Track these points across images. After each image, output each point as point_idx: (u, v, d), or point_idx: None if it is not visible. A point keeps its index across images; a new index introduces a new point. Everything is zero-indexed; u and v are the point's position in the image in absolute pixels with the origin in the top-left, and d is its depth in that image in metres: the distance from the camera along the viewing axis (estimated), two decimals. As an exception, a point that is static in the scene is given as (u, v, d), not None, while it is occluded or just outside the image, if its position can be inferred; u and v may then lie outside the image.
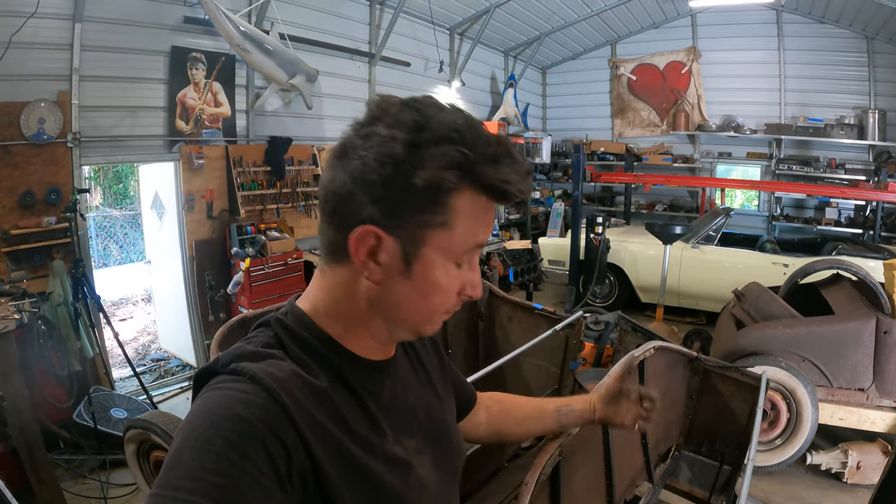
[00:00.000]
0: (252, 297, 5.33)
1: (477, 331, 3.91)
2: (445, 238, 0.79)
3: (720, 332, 5.03)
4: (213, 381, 0.74)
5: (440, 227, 0.77)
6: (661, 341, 2.65)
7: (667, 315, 6.96)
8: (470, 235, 0.81)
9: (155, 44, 4.78)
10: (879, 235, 8.82)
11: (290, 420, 0.70)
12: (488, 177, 0.76)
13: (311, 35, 6.32)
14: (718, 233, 7.18)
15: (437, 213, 0.76)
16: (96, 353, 4.25)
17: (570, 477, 1.75)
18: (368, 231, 0.76)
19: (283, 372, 0.75)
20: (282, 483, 0.67)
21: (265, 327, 0.85)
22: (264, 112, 5.95)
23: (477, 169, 0.75)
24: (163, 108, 4.93)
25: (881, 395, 4.15)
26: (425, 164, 0.73)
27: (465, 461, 1.10)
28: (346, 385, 0.83)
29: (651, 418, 1.36)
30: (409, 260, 0.79)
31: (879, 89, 9.60)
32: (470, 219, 0.79)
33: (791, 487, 4.01)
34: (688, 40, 10.97)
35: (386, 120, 0.75)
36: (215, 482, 0.62)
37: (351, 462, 0.77)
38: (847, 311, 4.32)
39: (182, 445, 0.65)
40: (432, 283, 0.81)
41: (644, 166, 11.15)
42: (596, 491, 2.07)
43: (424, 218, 0.76)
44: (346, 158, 0.76)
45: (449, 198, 0.76)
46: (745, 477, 1.98)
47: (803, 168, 9.86)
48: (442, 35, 8.74)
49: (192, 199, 5.21)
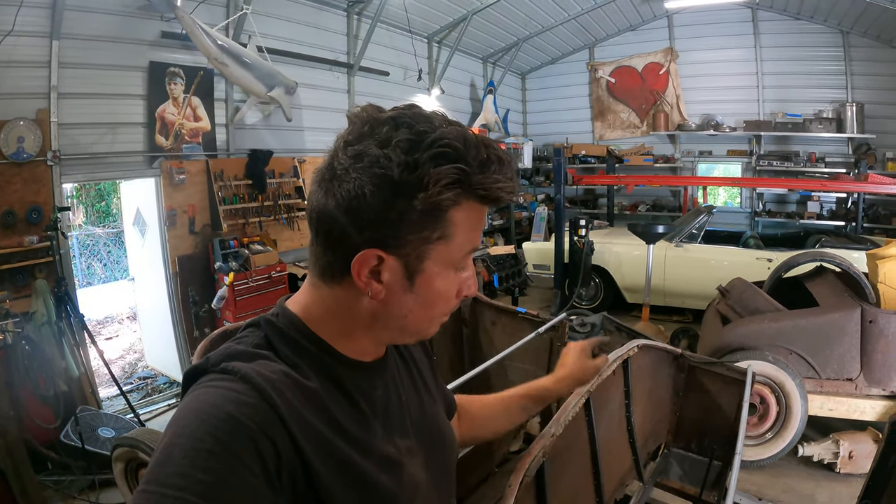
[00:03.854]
0: (237, 312, 5.30)
1: (461, 336, 3.92)
2: (444, 250, 0.79)
3: (706, 329, 5.06)
4: (204, 380, 0.74)
5: (440, 240, 0.78)
6: (644, 340, 2.67)
7: (653, 314, 7.01)
8: (467, 242, 0.82)
9: (133, 59, 4.77)
10: (862, 227, 8.97)
11: (280, 420, 0.70)
12: (482, 186, 0.77)
13: (288, 47, 6.33)
14: (701, 231, 7.24)
15: (437, 228, 0.77)
16: (82, 372, 4.21)
17: (557, 478, 1.76)
18: (370, 254, 0.76)
19: (273, 372, 0.75)
20: (271, 483, 0.67)
21: (255, 328, 0.85)
22: (244, 125, 5.94)
23: (474, 181, 0.76)
24: (142, 124, 4.90)
25: (869, 384, 4.19)
26: (425, 186, 0.73)
27: (458, 460, 1.11)
28: (337, 386, 0.83)
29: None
30: (412, 275, 0.79)
31: (856, 83, 9.75)
32: (467, 227, 0.80)
33: (784, 480, 4.04)
34: (665, 41, 11.09)
35: (377, 138, 0.75)
36: (204, 480, 0.62)
37: (342, 463, 0.77)
38: (832, 303, 4.37)
39: (172, 442, 0.65)
40: (435, 293, 0.82)
41: (625, 168, 11.22)
42: (584, 492, 2.08)
43: (424, 234, 0.77)
44: (338, 181, 0.76)
45: (448, 213, 0.77)
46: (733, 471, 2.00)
47: (784, 163, 9.97)
48: (420, 44, 8.78)
49: (174, 215, 5.18)
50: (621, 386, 2.46)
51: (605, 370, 2.17)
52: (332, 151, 0.79)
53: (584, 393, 1.96)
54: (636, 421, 2.54)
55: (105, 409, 4.59)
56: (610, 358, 2.30)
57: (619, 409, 2.45)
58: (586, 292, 7.95)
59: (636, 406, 2.53)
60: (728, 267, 6.63)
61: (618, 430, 2.46)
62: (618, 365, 2.33)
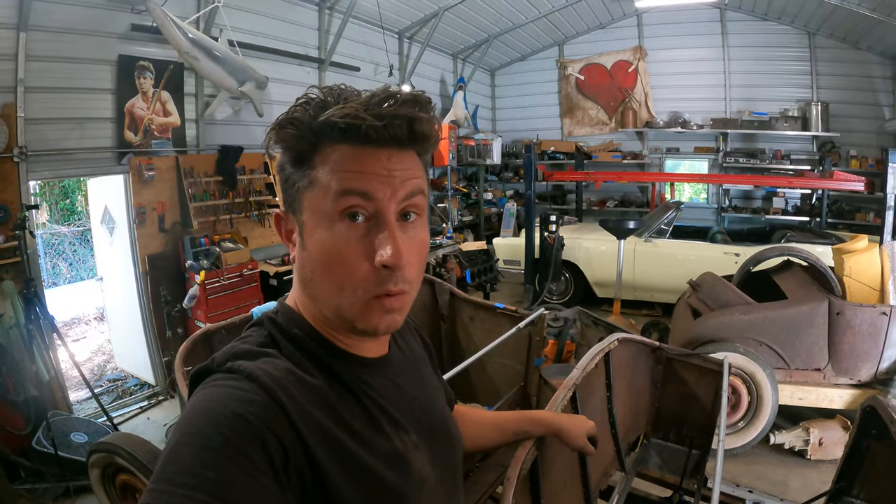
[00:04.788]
0: (209, 311, 5.21)
1: (440, 332, 3.93)
2: (314, 195, 0.79)
3: (677, 322, 5.17)
4: (210, 379, 0.75)
5: (308, 187, 0.79)
6: (624, 333, 2.71)
7: (623, 309, 7.11)
8: (335, 183, 0.77)
9: (102, 53, 4.63)
10: (826, 222, 9.26)
11: (286, 417, 0.70)
12: (327, 121, 0.76)
13: (260, 41, 6.24)
14: (670, 226, 7.38)
15: (304, 175, 0.79)
16: (52, 376, 4.08)
17: (548, 470, 1.78)
18: (277, 213, 0.86)
19: (278, 370, 0.75)
20: (279, 480, 0.67)
21: (258, 326, 0.86)
22: (214, 121, 5.83)
23: (319, 119, 0.77)
24: (111, 119, 4.77)
25: (837, 374, 4.33)
26: (280, 137, 0.79)
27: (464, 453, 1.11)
28: (341, 382, 0.83)
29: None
30: (301, 230, 0.81)
31: (821, 82, 10.04)
32: (331, 168, 0.77)
33: (757, 468, 4.15)
34: (634, 40, 11.25)
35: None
36: (213, 478, 0.62)
37: (349, 459, 0.77)
38: (800, 296, 4.50)
39: (180, 442, 0.66)
40: (322, 249, 0.78)
41: (594, 164, 11.37)
42: (572, 482, 2.11)
43: (299, 185, 0.80)
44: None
45: (311, 158, 0.79)
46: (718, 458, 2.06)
47: (750, 160, 10.23)
48: (391, 39, 8.73)
49: (143, 213, 5.06)
50: (603, 378, 2.50)
51: (589, 366, 2.21)
52: None
53: (570, 387, 1.99)
54: (617, 412, 2.58)
55: (76, 414, 4.47)
56: (591, 352, 2.34)
57: (601, 402, 2.49)
58: (557, 287, 8.05)
59: (617, 398, 2.57)
60: (696, 261, 6.75)
61: (600, 421, 2.50)
62: (600, 358, 2.37)
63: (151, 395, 5.38)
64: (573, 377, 2.06)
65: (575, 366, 2.16)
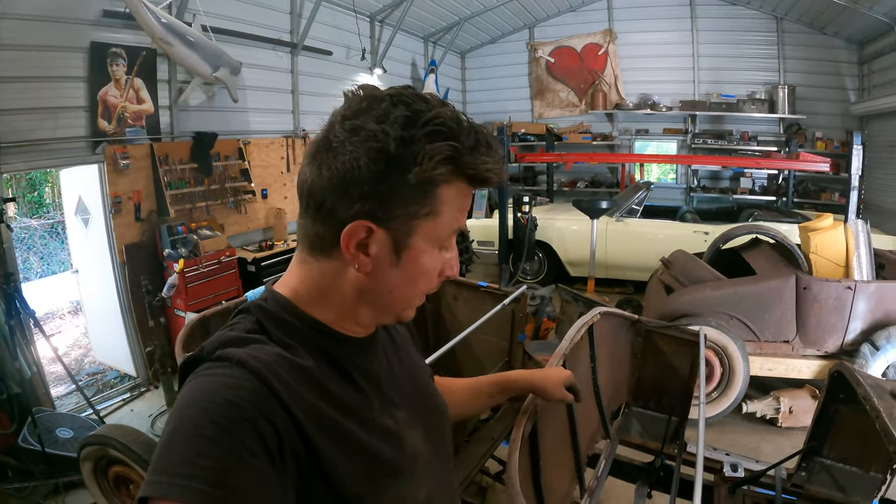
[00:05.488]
0: (188, 299, 5.19)
1: (424, 312, 4.00)
2: (432, 227, 0.81)
3: (650, 299, 5.30)
4: (200, 369, 0.75)
5: (428, 216, 0.80)
6: (605, 307, 2.83)
7: (596, 287, 7.29)
8: (454, 221, 0.84)
9: (73, 40, 4.52)
10: (792, 202, 9.52)
11: (279, 401, 0.71)
12: (472, 167, 0.80)
13: (232, 26, 6.15)
14: (641, 206, 7.54)
15: (426, 204, 0.79)
16: (34, 372, 4.02)
17: (544, 435, 1.88)
18: (360, 225, 0.78)
19: (268, 355, 0.76)
20: (275, 464, 0.69)
21: (246, 314, 0.86)
22: (188, 107, 5.75)
23: (463, 160, 0.79)
24: (84, 108, 4.67)
25: (805, 346, 4.52)
26: (419, 161, 0.76)
27: (452, 426, 1.15)
28: (331, 363, 0.84)
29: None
30: (399, 250, 0.81)
31: (788, 66, 10.28)
32: (454, 206, 0.82)
33: (731, 436, 4.31)
34: (604, 23, 11.33)
35: (374, 113, 0.77)
36: (209, 467, 0.63)
37: (344, 437, 0.79)
38: (768, 271, 4.66)
39: (174, 433, 0.67)
40: (420, 269, 0.84)
41: (564, 145, 11.46)
42: (564, 448, 2.22)
43: (413, 209, 0.79)
44: (333, 152, 0.77)
45: (438, 189, 0.79)
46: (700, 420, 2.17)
47: (718, 141, 10.43)
48: (363, 23, 8.68)
49: (118, 202, 4.99)
50: (587, 350, 2.60)
51: (576, 337, 2.31)
52: (327, 125, 0.81)
53: (560, 357, 2.09)
54: (601, 382, 2.69)
55: (59, 409, 4.43)
56: (577, 325, 2.44)
57: (586, 372, 2.60)
58: (531, 267, 8.18)
59: (600, 369, 2.68)
60: (666, 240, 6.91)
61: (586, 390, 2.61)
62: (584, 331, 2.47)
63: (133, 387, 5.35)
64: (562, 348, 2.16)
65: (555, 342, 2.25)
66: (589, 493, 2.34)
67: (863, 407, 1.95)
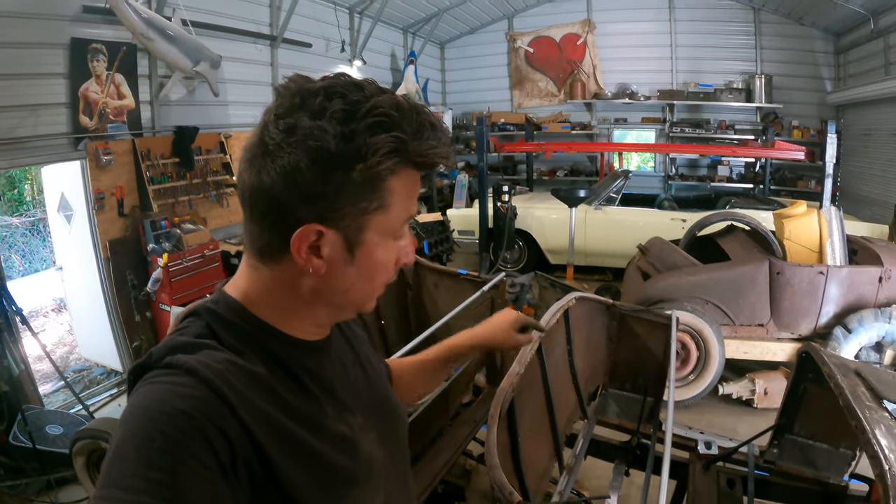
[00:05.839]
0: (173, 293, 5.21)
1: (406, 300, 4.09)
2: (383, 220, 0.79)
3: (628, 285, 5.41)
4: (148, 376, 0.72)
5: (378, 210, 0.78)
6: (580, 292, 2.93)
7: (576, 274, 7.37)
8: (405, 210, 0.82)
9: (53, 36, 4.50)
10: (769, 189, 9.71)
11: (230, 410, 0.69)
12: (420, 154, 0.77)
13: (212, 20, 6.14)
14: (619, 194, 7.63)
15: (375, 198, 0.76)
16: (22, 370, 4.03)
17: (522, 413, 1.98)
18: (309, 229, 0.74)
19: (218, 362, 0.73)
20: (226, 475, 0.66)
21: (195, 317, 0.82)
22: (169, 102, 5.76)
23: (410, 148, 0.75)
24: (65, 105, 4.67)
25: (779, 329, 4.66)
26: (363, 157, 0.73)
27: (408, 429, 1.12)
28: (284, 369, 0.81)
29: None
30: (352, 248, 0.78)
31: (765, 56, 10.48)
32: (404, 196, 0.80)
33: (708, 417, 4.44)
34: (583, 13, 11.44)
35: (309, 109, 0.73)
36: (159, 479, 0.61)
37: (297, 446, 0.76)
38: (743, 257, 4.79)
39: (122, 445, 0.64)
40: (375, 263, 0.82)
41: (543, 135, 11.57)
42: (542, 427, 2.33)
43: (363, 205, 0.76)
44: (271, 156, 0.73)
45: (386, 182, 0.76)
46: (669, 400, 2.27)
47: (695, 130, 10.59)
48: (342, 14, 8.70)
49: (102, 198, 4.99)
50: (563, 334, 2.71)
51: (551, 321, 2.41)
52: (260, 126, 0.76)
53: (537, 339, 2.19)
54: (578, 365, 2.81)
55: (47, 407, 4.44)
56: (552, 309, 2.54)
57: (562, 355, 2.71)
58: (511, 255, 8.25)
59: (577, 352, 2.79)
60: (644, 227, 6.97)
61: (563, 373, 2.72)
62: (560, 315, 2.57)
63: (120, 382, 5.35)
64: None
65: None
66: (568, 470, 2.45)
67: (829, 385, 2.04)
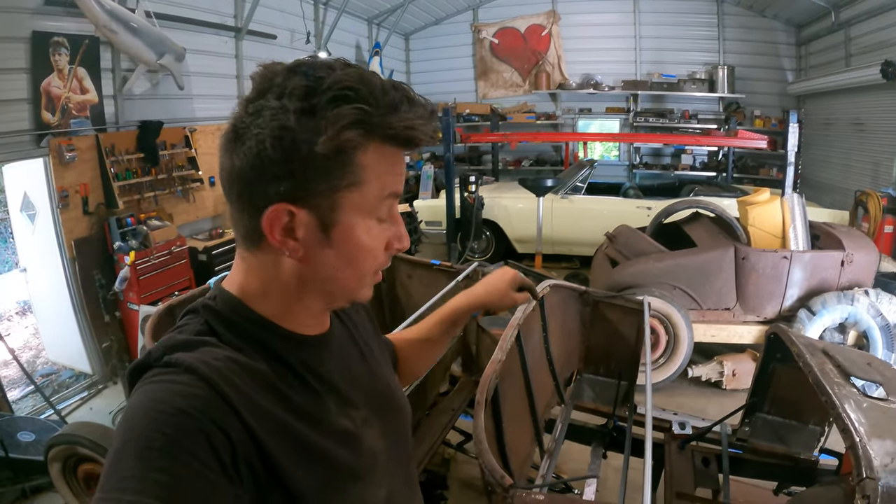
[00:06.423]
0: (141, 292, 5.11)
1: (380, 292, 4.11)
2: (358, 197, 0.77)
3: (596, 272, 5.53)
4: (148, 375, 0.72)
5: (351, 187, 0.76)
6: (554, 280, 3.01)
7: (544, 262, 7.50)
8: (383, 187, 0.79)
9: (14, 30, 4.35)
10: (732, 177, 10.00)
11: (231, 408, 0.68)
12: (391, 126, 0.75)
13: (176, 11, 6.00)
14: (585, 183, 7.75)
15: (346, 174, 0.74)
16: None
17: (504, 399, 2.05)
18: (279, 209, 0.74)
19: (218, 359, 0.72)
20: (228, 474, 0.66)
21: (194, 314, 0.82)
22: (133, 96, 5.63)
23: (378, 121, 0.74)
24: (27, 100, 4.52)
25: (745, 312, 4.82)
26: (324, 130, 0.71)
27: (412, 421, 1.11)
28: (284, 364, 0.81)
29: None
30: (327, 228, 0.77)
31: (728, 47, 10.71)
32: (379, 171, 0.77)
33: (679, 399, 4.58)
34: (547, 4, 11.52)
35: (274, 91, 0.73)
36: (160, 480, 0.60)
37: (299, 442, 0.76)
38: (709, 244, 4.94)
39: (122, 445, 0.64)
40: (356, 246, 0.79)
41: (509, 125, 11.67)
42: (523, 412, 2.41)
43: (333, 183, 0.74)
44: (240, 140, 0.73)
45: (355, 157, 0.74)
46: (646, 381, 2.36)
47: (659, 120, 10.80)
48: (307, 5, 8.60)
49: (66, 196, 4.85)
50: (539, 321, 2.79)
51: (529, 306, 2.48)
52: (234, 113, 0.76)
53: (515, 326, 2.26)
54: (554, 351, 2.89)
55: (16, 413, 4.34)
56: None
57: (539, 342, 2.79)
58: (478, 245, 8.32)
59: (553, 338, 2.88)
60: (610, 216, 7.09)
61: (540, 359, 2.80)
62: (535, 303, 2.64)
63: (90, 385, 5.25)
64: (517, 318, 2.33)
65: (507, 317, 2.41)
66: (548, 454, 2.54)
67: (798, 364, 2.14)
